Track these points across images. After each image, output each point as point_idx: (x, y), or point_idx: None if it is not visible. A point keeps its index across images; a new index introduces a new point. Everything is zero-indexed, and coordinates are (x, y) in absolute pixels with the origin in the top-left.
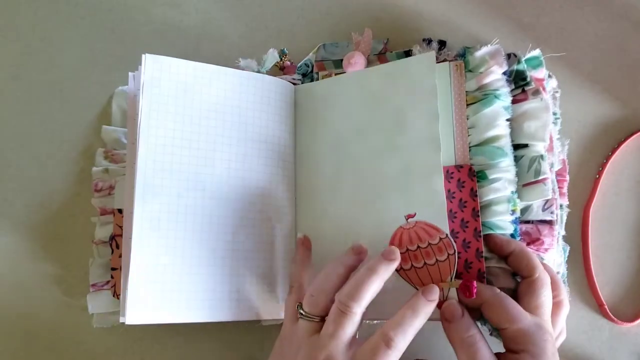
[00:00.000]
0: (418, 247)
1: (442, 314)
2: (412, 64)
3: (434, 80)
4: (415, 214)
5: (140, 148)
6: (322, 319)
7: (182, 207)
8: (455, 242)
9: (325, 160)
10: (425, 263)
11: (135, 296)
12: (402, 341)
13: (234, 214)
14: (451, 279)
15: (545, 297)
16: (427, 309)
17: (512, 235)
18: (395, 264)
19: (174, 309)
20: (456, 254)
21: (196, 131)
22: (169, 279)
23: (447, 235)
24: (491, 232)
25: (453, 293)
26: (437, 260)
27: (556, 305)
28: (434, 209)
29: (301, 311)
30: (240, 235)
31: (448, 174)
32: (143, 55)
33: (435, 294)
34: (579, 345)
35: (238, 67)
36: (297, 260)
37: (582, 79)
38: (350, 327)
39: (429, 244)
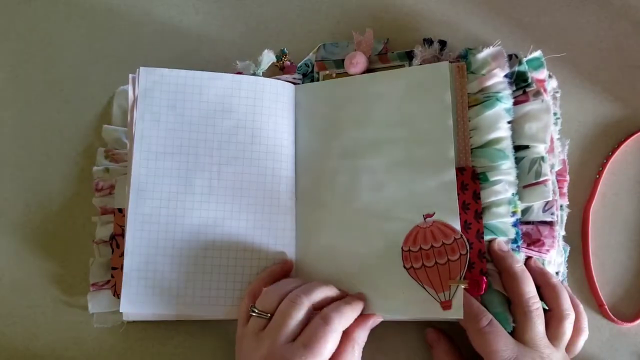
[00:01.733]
0: (432, 246)
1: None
2: (426, 72)
3: (448, 92)
4: (434, 213)
5: (135, 155)
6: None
7: (171, 210)
8: None
9: (330, 162)
10: (436, 262)
11: (128, 292)
12: (339, 321)
13: (231, 215)
14: (460, 278)
15: (535, 320)
16: (360, 304)
17: (515, 241)
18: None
19: (165, 304)
20: (468, 254)
21: (186, 137)
22: (159, 276)
23: (461, 236)
24: (493, 235)
25: (460, 292)
26: (448, 259)
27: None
28: (448, 217)
29: (254, 309)
30: (234, 236)
31: None
32: (138, 69)
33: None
34: None
35: (236, 69)
36: (266, 272)
37: (582, 79)
38: (296, 316)
39: (443, 243)
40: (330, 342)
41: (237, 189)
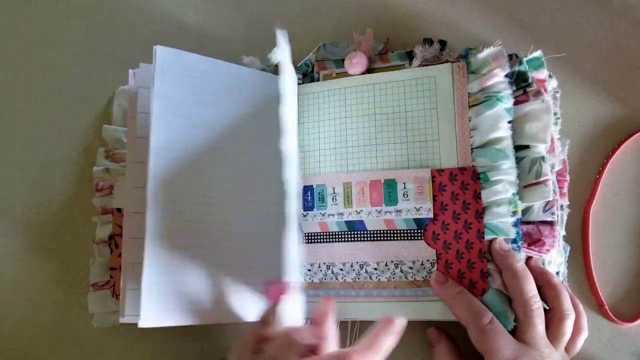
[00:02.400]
0: None
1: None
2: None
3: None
4: None
5: (152, 145)
6: None
7: (188, 205)
8: (458, 242)
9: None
10: None
11: (149, 299)
12: None
13: (245, 214)
14: None
15: (536, 320)
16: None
17: (515, 240)
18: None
19: (184, 311)
20: None
21: (203, 128)
22: (179, 280)
23: None
24: (494, 235)
25: None
26: None
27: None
28: None
29: None
30: (248, 237)
31: (452, 176)
32: (154, 47)
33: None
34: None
35: (242, 64)
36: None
37: (582, 79)
38: None
39: None
40: None
41: (251, 187)
